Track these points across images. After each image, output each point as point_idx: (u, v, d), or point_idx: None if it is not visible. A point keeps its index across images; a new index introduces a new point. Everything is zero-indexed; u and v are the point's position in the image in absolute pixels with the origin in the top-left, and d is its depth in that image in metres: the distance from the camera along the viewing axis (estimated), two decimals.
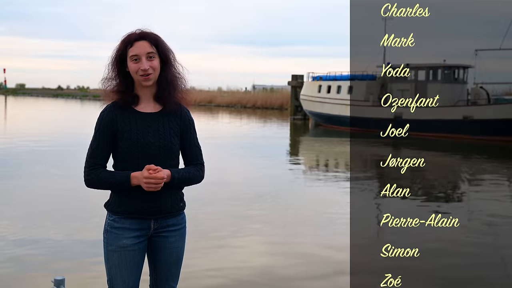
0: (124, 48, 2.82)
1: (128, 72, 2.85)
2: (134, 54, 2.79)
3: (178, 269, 3.01)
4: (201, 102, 57.34)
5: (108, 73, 2.89)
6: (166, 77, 2.87)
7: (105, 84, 2.90)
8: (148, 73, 2.79)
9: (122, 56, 2.84)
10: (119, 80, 2.86)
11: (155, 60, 2.82)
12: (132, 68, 2.81)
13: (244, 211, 8.83)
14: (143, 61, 2.79)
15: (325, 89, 32.86)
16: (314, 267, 6.11)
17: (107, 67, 2.89)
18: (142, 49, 2.80)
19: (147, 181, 2.70)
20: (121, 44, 2.84)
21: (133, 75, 2.82)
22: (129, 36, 2.84)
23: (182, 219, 2.98)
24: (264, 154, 17.76)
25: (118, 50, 2.84)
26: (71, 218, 8.04)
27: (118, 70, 2.86)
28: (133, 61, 2.80)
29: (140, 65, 2.79)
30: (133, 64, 2.80)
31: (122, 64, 2.85)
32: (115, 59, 2.85)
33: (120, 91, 2.85)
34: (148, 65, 2.79)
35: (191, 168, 2.93)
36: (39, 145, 17.90)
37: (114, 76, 2.87)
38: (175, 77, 2.92)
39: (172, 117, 2.90)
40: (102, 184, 2.80)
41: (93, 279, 5.45)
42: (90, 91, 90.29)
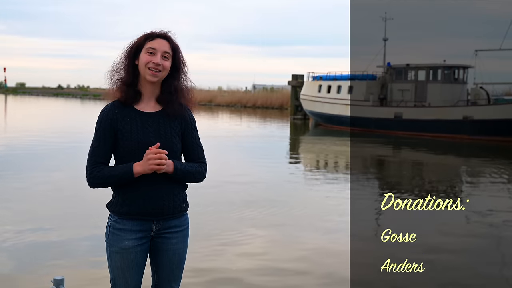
0: (144, 41, 2.83)
1: (136, 66, 2.84)
2: (152, 47, 2.80)
3: (180, 271, 3.00)
4: (201, 102, 57.29)
5: (118, 64, 2.88)
6: (174, 84, 2.88)
7: (111, 76, 2.89)
8: (158, 69, 2.80)
9: (138, 48, 2.84)
10: (126, 72, 2.85)
11: (168, 61, 2.84)
12: (143, 59, 2.80)
13: (244, 211, 8.81)
14: (158, 56, 2.80)
15: (325, 89, 32.86)
16: (315, 269, 6.10)
17: (119, 56, 2.89)
18: (162, 45, 2.82)
19: (150, 156, 2.69)
20: (141, 37, 2.86)
21: (141, 68, 2.82)
22: (153, 31, 2.86)
23: (185, 220, 2.97)
24: (263, 154, 17.74)
25: (136, 42, 2.85)
26: (71, 217, 8.03)
27: (129, 61, 2.85)
28: (148, 53, 2.80)
29: (153, 59, 2.79)
30: (147, 56, 2.80)
31: (134, 58, 2.85)
32: (131, 49, 2.86)
33: (126, 83, 2.84)
34: (161, 61, 2.80)
35: (194, 164, 2.92)
36: (40, 145, 17.88)
37: (124, 66, 2.87)
38: (183, 87, 2.93)
39: (174, 116, 2.90)
40: (105, 179, 2.78)
41: (92, 279, 5.44)
42: (91, 90, 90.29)
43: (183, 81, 2.94)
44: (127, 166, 2.75)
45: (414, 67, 29.37)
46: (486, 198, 10.72)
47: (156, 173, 2.77)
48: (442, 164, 16.83)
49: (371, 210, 9.44)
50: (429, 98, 28.21)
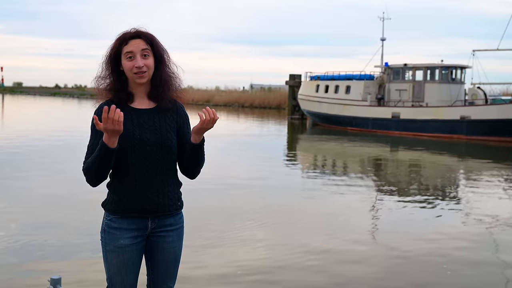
0: (119, 46, 2.82)
1: (122, 71, 2.84)
2: (128, 51, 2.79)
3: (175, 269, 3.00)
4: (199, 101, 57.25)
5: (102, 72, 2.88)
6: (160, 76, 2.86)
7: (98, 82, 2.88)
8: (142, 71, 2.79)
9: (117, 54, 2.83)
10: (112, 79, 2.84)
11: (149, 58, 2.82)
12: (126, 66, 2.80)
13: (243, 212, 8.81)
14: (138, 58, 2.78)
15: (323, 88, 32.89)
16: (315, 268, 6.10)
17: (100, 65, 2.88)
18: (137, 46, 2.79)
19: (104, 116, 2.53)
20: (115, 42, 2.83)
21: (127, 73, 2.82)
22: (124, 34, 2.83)
23: (180, 218, 2.97)
24: (261, 153, 17.75)
25: (113, 48, 2.84)
26: (68, 216, 8.02)
27: (112, 69, 2.84)
28: (127, 58, 2.79)
29: (134, 63, 2.78)
30: (128, 62, 2.79)
31: (116, 63, 2.84)
32: (109, 57, 2.84)
33: (114, 89, 2.84)
34: (142, 62, 2.78)
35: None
36: (40, 144, 17.86)
37: (107, 74, 2.86)
38: (170, 76, 2.91)
39: (168, 112, 2.90)
40: (91, 167, 2.69)
41: (89, 279, 5.43)
42: (88, 90, 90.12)
43: (168, 69, 2.92)
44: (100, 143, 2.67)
45: (411, 67, 29.40)
46: (484, 198, 10.73)
47: (152, 171, 2.78)
48: (439, 164, 16.84)
49: (368, 210, 9.44)
50: (427, 98, 28.25)
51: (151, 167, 2.79)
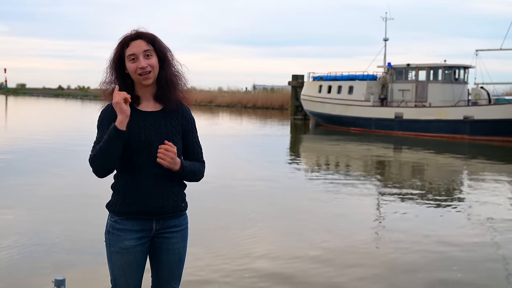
0: (121, 50, 2.82)
1: (127, 74, 2.84)
2: (131, 53, 2.79)
3: (180, 270, 3.00)
4: (202, 102, 57.36)
5: (107, 76, 2.88)
6: (165, 76, 2.86)
7: (104, 87, 2.89)
8: (146, 71, 2.79)
9: (120, 58, 2.83)
10: (118, 83, 2.84)
11: (152, 58, 2.81)
12: (130, 68, 2.80)
13: (243, 212, 8.82)
14: (141, 59, 2.78)
15: (326, 89, 32.89)
16: (317, 268, 6.10)
17: (105, 70, 2.88)
18: (139, 47, 2.79)
19: (115, 97, 2.67)
20: (117, 46, 2.83)
21: (132, 75, 2.82)
22: (125, 37, 2.83)
23: (184, 220, 2.97)
24: (264, 154, 17.74)
25: (116, 53, 2.84)
26: (72, 217, 8.03)
27: (116, 73, 2.85)
28: (130, 60, 2.79)
29: (138, 64, 2.78)
30: (131, 64, 2.79)
31: (120, 67, 2.84)
32: (113, 61, 2.85)
33: None
34: (146, 63, 2.78)
35: (196, 163, 2.93)
36: (41, 145, 17.89)
37: (113, 79, 2.86)
38: (174, 75, 2.91)
39: (174, 115, 2.89)
40: (100, 151, 2.69)
41: (93, 280, 5.44)
42: (91, 91, 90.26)
43: (173, 68, 2.91)
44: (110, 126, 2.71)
45: (414, 67, 29.38)
46: (487, 198, 10.70)
47: (156, 173, 2.78)
48: (442, 164, 16.81)
49: (372, 210, 9.43)
50: (430, 98, 28.22)
51: (156, 169, 2.79)
